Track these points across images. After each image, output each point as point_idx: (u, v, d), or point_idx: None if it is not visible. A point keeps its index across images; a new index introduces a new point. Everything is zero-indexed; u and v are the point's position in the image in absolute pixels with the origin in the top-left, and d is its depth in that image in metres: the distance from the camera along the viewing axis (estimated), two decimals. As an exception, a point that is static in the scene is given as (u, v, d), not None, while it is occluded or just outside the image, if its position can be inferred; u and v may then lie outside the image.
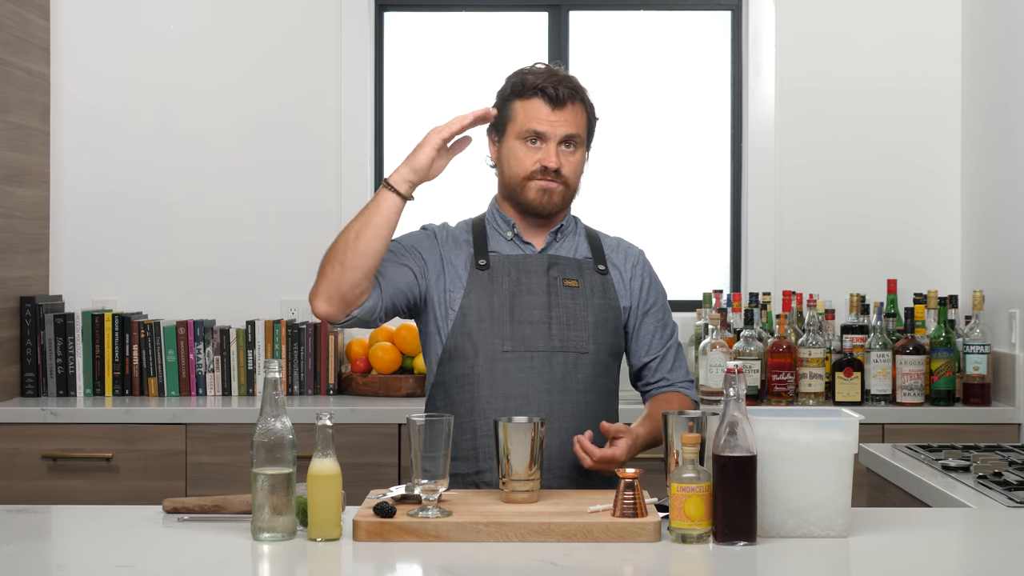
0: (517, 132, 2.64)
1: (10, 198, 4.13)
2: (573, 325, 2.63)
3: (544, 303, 2.63)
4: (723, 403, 2.12)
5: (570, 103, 2.64)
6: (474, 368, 2.60)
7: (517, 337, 2.61)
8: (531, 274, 2.66)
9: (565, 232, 2.74)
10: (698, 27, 4.66)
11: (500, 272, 2.65)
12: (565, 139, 2.63)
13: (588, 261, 2.72)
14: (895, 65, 4.48)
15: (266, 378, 2.16)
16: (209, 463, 3.86)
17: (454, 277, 2.66)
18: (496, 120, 2.68)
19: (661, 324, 2.76)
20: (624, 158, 4.62)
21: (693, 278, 4.56)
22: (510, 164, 2.67)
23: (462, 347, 2.62)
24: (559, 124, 2.62)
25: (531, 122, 2.63)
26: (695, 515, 2.10)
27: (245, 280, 4.46)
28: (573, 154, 2.65)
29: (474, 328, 2.61)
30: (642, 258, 2.80)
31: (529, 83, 2.64)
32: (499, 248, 2.70)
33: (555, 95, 2.62)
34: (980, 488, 2.63)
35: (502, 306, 2.62)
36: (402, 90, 4.63)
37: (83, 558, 2.11)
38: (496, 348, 2.60)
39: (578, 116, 2.65)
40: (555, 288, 2.65)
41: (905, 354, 3.97)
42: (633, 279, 2.75)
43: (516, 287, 2.64)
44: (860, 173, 4.48)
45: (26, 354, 4.19)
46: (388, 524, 2.13)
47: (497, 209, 2.75)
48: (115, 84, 4.48)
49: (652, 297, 2.76)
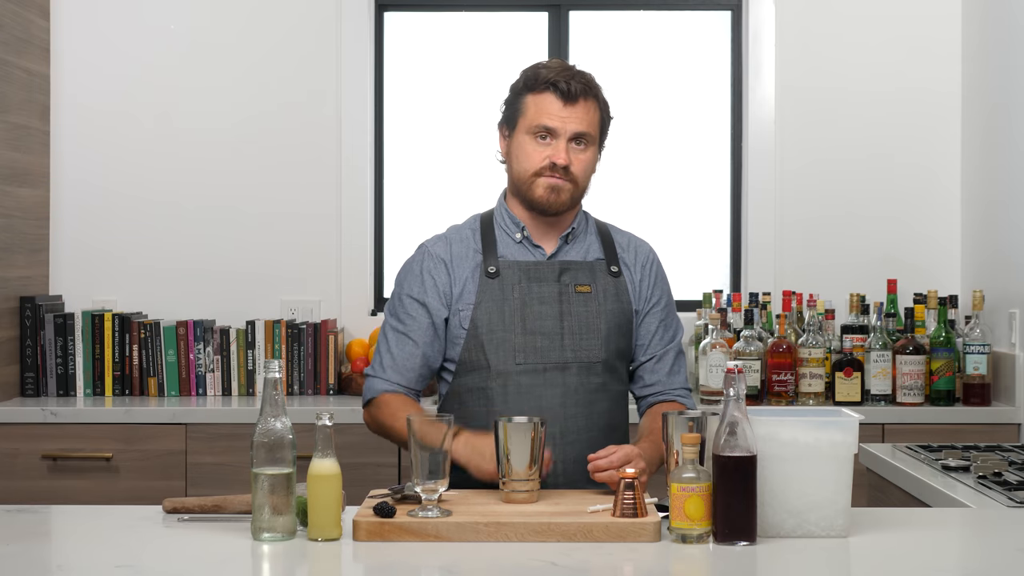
0: (527, 127, 2.59)
1: (10, 198, 4.13)
2: (586, 333, 2.59)
3: (556, 312, 2.59)
4: (723, 403, 2.12)
5: (583, 99, 2.58)
6: (487, 382, 2.57)
7: (529, 350, 2.57)
8: (542, 282, 2.61)
9: (576, 234, 2.68)
10: (698, 27, 4.66)
11: (510, 280, 2.60)
12: (576, 136, 2.58)
13: (600, 263, 2.67)
14: (895, 65, 4.48)
15: (266, 378, 2.16)
16: (209, 463, 3.86)
17: (464, 291, 2.61)
18: (507, 114, 2.64)
19: (663, 324, 2.70)
20: (624, 158, 4.61)
21: (693, 278, 4.56)
22: (519, 159, 2.61)
23: (476, 360, 2.58)
24: (570, 120, 2.57)
25: (542, 117, 2.57)
26: (695, 515, 2.09)
27: (245, 280, 4.46)
28: (583, 152, 2.59)
29: (486, 340, 2.57)
30: (652, 256, 2.74)
31: (542, 76, 2.58)
32: (508, 252, 2.64)
33: (567, 90, 2.56)
34: (980, 488, 2.63)
35: (513, 316, 2.58)
36: (402, 90, 4.63)
37: (83, 558, 2.11)
38: (509, 362, 2.57)
39: (590, 113, 2.60)
40: (567, 296, 2.61)
41: (905, 354, 3.97)
42: (643, 280, 2.69)
43: (527, 296, 2.59)
44: (860, 173, 4.48)
45: (26, 354, 4.19)
46: (388, 524, 2.13)
47: (506, 208, 2.69)
48: (115, 84, 4.48)
49: (656, 295, 2.71)
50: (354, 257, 4.48)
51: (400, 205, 4.62)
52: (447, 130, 4.62)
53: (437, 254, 2.65)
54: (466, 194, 4.49)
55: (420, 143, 4.64)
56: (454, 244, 2.66)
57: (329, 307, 4.46)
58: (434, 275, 2.63)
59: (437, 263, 2.64)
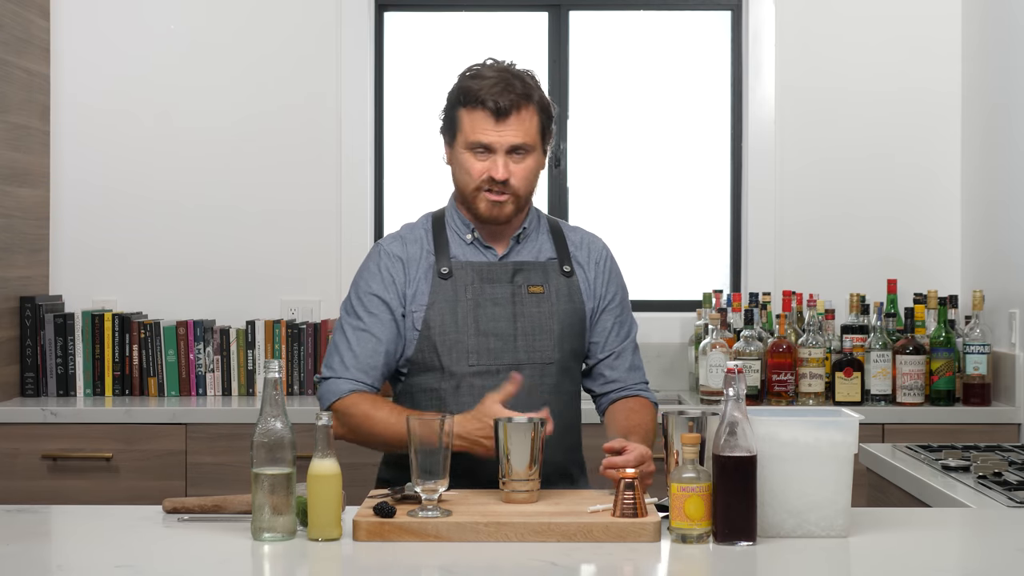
0: (464, 142, 2.57)
1: (10, 198, 4.13)
2: (538, 334, 2.59)
3: (509, 314, 2.59)
4: (723, 403, 2.12)
5: (515, 112, 2.53)
6: (440, 383, 2.57)
7: (483, 351, 2.56)
8: (495, 283, 2.60)
9: (527, 233, 2.67)
10: (698, 27, 4.66)
11: (463, 281, 2.60)
12: (512, 148, 2.55)
13: (553, 263, 2.66)
14: (895, 65, 4.48)
15: (266, 378, 2.16)
16: (209, 463, 3.86)
17: (418, 292, 2.60)
18: (445, 124, 2.63)
19: (618, 321, 2.69)
20: (624, 158, 4.62)
21: (693, 278, 4.56)
22: (459, 173, 2.60)
23: (428, 360, 2.58)
24: (506, 134, 2.53)
25: (476, 134, 2.55)
26: (695, 515, 2.09)
27: (245, 280, 4.46)
28: (522, 161, 2.56)
29: (439, 342, 2.57)
30: (605, 253, 2.72)
31: (472, 93, 2.55)
32: (460, 253, 2.64)
33: (497, 108, 2.51)
34: (980, 488, 2.63)
35: (466, 318, 2.57)
36: (402, 90, 4.63)
37: (83, 558, 2.11)
38: (462, 363, 2.56)
39: (526, 123, 2.55)
40: (520, 296, 2.60)
41: (905, 354, 3.97)
42: (596, 277, 2.68)
43: (480, 296, 2.59)
44: (860, 173, 4.48)
45: (26, 354, 4.19)
46: (388, 524, 2.13)
47: (456, 210, 2.68)
48: (115, 84, 4.48)
49: (611, 292, 2.69)
50: (354, 257, 4.46)
51: (400, 205, 4.62)
52: (447, 130, 4.61)
53: (394, 252, 2.64)
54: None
55: (420, 143, 4.63)
56: (409, 244, 2.66)
57: (329, 307, 4.45)
58: (392, 273, 2.62)
59: (394, 261, 2.63)
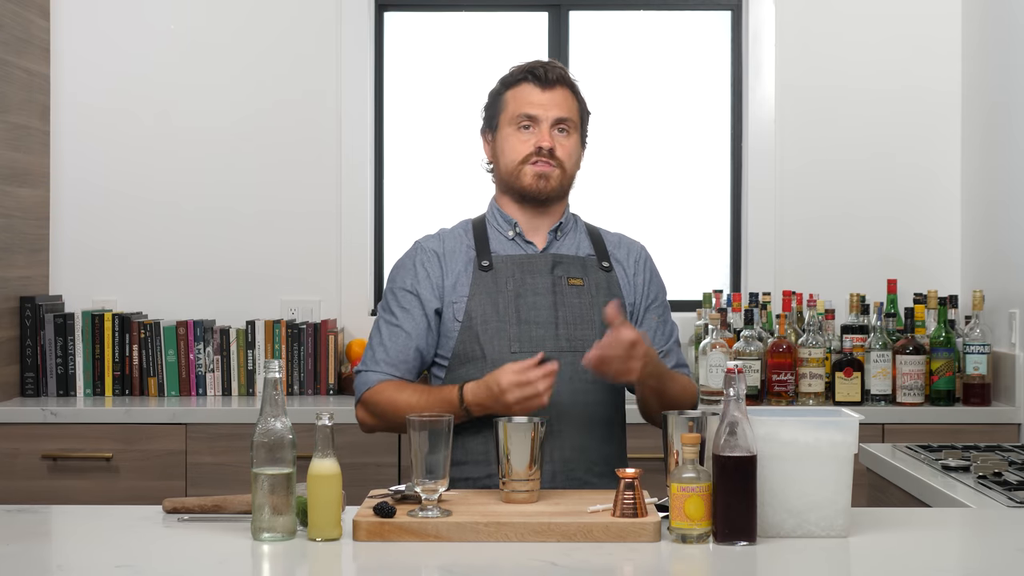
0: (509, 119, 2.64)
1: (10, 198, 4.13)
2: (580, 324, 2.61)
3: (550, 303, 2.61)
4: (723, 403, 2.12)
5: (560, 86, 2.64)
6: (483, 372, 2.56)
7: (524, 338, 2.58)
8: (535, 274, 2.63)
9: (565, 230, 2.71)
10: (698, 27, 4.66)
11: (504, 273, 2.63)
12: (558, 121, 2.63)
13: (591, 259, 2.69)
14: (895, 65, 4.48)
15: (266, 378, 2.16)
16: (209, 463, 3.86)
17: (458, 284, 2.63)
18: (488, 116, 2.70)
19: (662, 320, 2.73)
20: (624, 158, 4.62)
21: (693, 278, 4.56)
22: (505, 153, 2.65)
23: (471, 351, 2.60)
24: (550, 106, 2.62)
25: (522, 106, 2.63)
26: (695, 515, 2.09)
27: (245, 280, 4.46)
28: (567, 138, 2.64)
29: (480, 331, 2.59)
30: (644, 253, 2.77)
31: (517, 71, 2.66)
32: (500, 248, 2.67)
33: (544, 76, 2.63)
34: (980, 488, 2.63)
35: (508, 307, 2.60)
36: (402, 90, 4.63)
37: (83, 558, 2.11)
38: (504, 350, 2.58)
39: (568, 100, 2.65)
40: (560, 287, 2.63)
41: (905, 354, 3.97)
42: (637, 275, 2.72)
43: (521, 287, 2.61)
44: (860, 173, 4.48)
45: (26, 354, 4.19)
46: (388, 524, 2.13)
47: (497, 208, 2.72)
48: (115, 84, 4.48)
49: (654, 293, 2.74)
50: (354, 257, 4.48)
51: (400, 205, 4.63)
52: (447, 130, 4.62)
53: (430, 248, 2.69)
54: (466, 194, 4.48)
55: (420, 143, 4.64)
56: (447, 240, 2.70)
57: (329, 307, 4.46)
58: (427, 267, 2.66)
59: (430, 256, 2.67)
